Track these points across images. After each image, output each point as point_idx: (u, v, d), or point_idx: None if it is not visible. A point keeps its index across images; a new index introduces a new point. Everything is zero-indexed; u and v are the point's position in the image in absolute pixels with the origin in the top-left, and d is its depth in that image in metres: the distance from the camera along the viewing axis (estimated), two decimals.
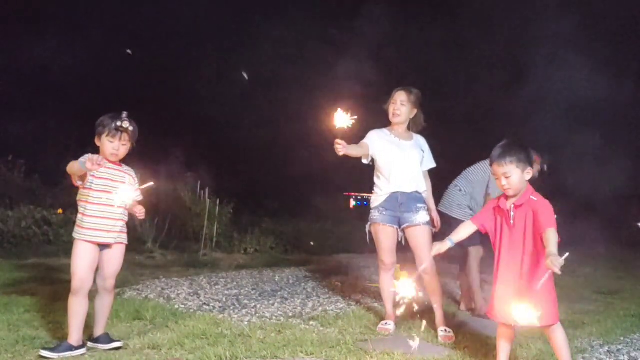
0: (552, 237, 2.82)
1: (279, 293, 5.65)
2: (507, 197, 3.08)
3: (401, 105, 4.29)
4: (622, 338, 4.12)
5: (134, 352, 3.42)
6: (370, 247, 4.43)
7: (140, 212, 3.60)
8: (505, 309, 3.00)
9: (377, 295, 5.74)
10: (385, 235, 4.24)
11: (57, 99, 14.45)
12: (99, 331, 3.55)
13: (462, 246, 4.37)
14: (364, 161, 4.31)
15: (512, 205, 3.04)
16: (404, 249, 4.37)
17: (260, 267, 7.66)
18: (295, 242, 10.46)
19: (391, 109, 4.32)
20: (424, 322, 3.94)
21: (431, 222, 4.31)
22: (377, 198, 4.30)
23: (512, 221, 3.03)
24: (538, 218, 2.92)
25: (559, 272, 2.65)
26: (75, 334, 3.38)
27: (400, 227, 4.24)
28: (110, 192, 3.44)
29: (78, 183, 3.46)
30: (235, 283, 6.12)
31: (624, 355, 3.68)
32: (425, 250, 4.10)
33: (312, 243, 10.47)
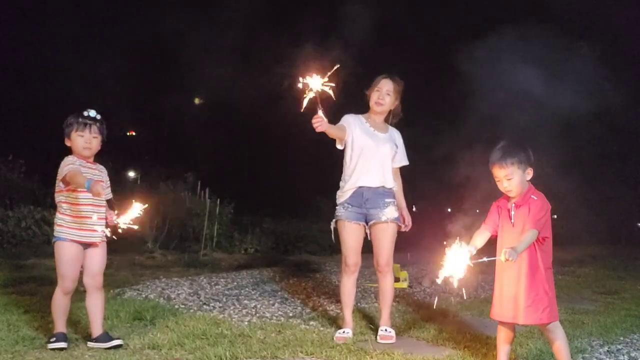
0: (527, 236, 2.88)
1: (279, 293, 5.65)
2: (508, 197, 3.08)
3: (386, 95, 4.04)
4: (622, 338, 4.12)
5: (134, 352, 3.42)
6: (367, 247, 4.37)
7: (111, 217, 3.59)
8: (505, 308, 3.01)
9: (377, 295, 5.75)
10: (349, 233, 3.99)
11: None
12: (97, 330, 3.55)
13: None
14: (339, 146, 4.05)
15: (513, 205, 3.04)
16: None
17: (260, 267, 7.65)
18: (296, 242, 10.48)
19: (375, 97, 4.06)
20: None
21: (401, 221, 4.10)
22: (343, 193, 4.06)
23: (512, 220, 3.03)
24: (528, 216, 2.95)
25: (502, 260, 2.81)
26: (62, 326, 3.50)
27: (367, 224, 4.01)
28: None
29: (61, 187, 3.47)
30: (235, 283, 6.12)
31: (624, 355, 3.68)
32: (386, 249, 3.96)
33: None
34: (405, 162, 4.23)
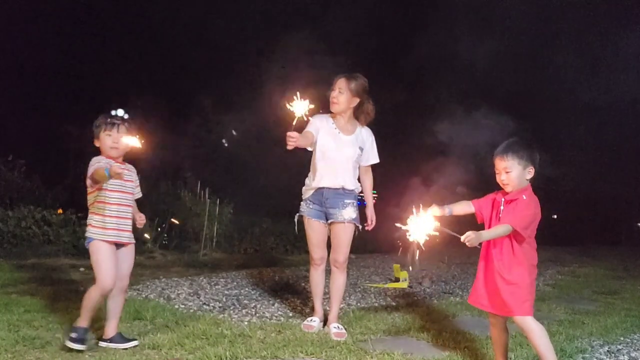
0: (499, 228, 2.91)
1: (279, 293, 5.65)
2: (504, 192, 3.09)
3: (339, 93, 4.03)
4: (622, 338, 4.12)
5: (134, 352, 3.41)
6: (370, 247, 4.40)
7: (140, 220, 3.65)
8: (482, 296, 3.07)
9: (377, 295, 5.75)
10: (312, 230, 4.16)
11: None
12: (112, 331, 3.54)
13: None
14: (309, 148, 4.12)
15: (503, 200, 3.05)
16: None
17: (260, 267, 7.66)
18: (295, 242, 10.46)
19: (330, 96, 4.11)
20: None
21: (366, 219, 4.20)
22: (307, 191, 4.20)
23: (500, 214, 3.04)
24: (510, 212, 2.96)
25: (466, 243, 2.79)
26: (88, 320, 3.43)
27: (327, 221, 4.14)
28: (124, 191, 3.49)
29: (94, 186, 3.45)
30: (235, 283, 6.13)
31: (624, 355, 3.68)
32: (343, 247, 4.10)
33: None
34: (375, 160, 4.28)
